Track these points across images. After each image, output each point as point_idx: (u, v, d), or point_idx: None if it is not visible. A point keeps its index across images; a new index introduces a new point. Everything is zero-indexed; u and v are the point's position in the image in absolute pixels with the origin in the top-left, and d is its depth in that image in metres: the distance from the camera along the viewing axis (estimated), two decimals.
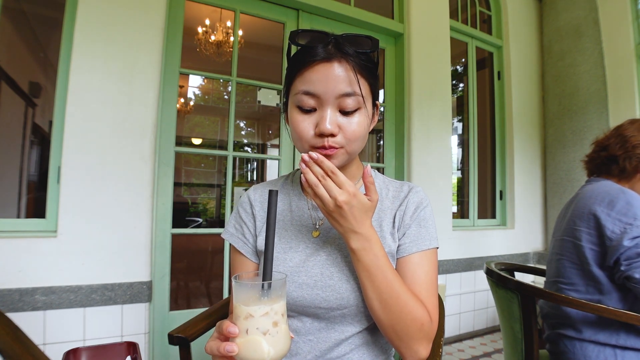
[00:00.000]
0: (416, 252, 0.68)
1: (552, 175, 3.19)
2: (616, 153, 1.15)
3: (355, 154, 0.68)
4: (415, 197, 0.72)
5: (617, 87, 2.78)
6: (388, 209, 0.73)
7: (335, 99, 0.61)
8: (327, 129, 0.61)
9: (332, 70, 0.61)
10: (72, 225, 1.56)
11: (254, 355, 0.46)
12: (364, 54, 0.64)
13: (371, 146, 4.90)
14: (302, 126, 0.63)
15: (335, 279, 0.67)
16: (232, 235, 0.77)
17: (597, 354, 1.03)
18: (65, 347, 1.41)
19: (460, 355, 2.36)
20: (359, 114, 0.64)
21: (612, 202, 1.04)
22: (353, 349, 0.70)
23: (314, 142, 0.63)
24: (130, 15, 1.71)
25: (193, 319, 0.96)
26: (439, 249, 2.80)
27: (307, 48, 0.62)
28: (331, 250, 0.69)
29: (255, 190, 0.80)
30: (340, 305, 0.66)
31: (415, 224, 0.70)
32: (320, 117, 0.62)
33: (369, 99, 0.66)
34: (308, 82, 0.62)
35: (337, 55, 0.61)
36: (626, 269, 0.96)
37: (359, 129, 0.64)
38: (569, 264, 1.12)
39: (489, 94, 3.24)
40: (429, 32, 2.63)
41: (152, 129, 1.74)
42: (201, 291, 3.49)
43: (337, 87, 0.61)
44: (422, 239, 0.69)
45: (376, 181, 0.77)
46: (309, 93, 0.62)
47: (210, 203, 6.62)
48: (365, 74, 0.64)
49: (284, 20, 2.23)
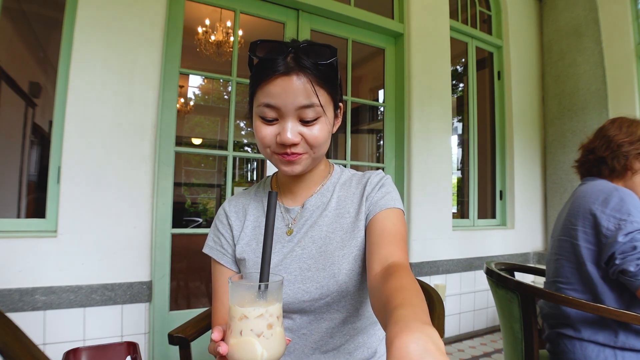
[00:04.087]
0: (381, 211, 0.71)
1: (552, 175, 3.19)
2: (603, 154, 1.17)
3: (320, 158, 0.72)
4: (375, 177, 0.77)
5: (617, 87, 2.78)
6: (353, 195, 0.77)
7: (295, 111, 0.64)
8: (288, 139, 0.64)
9: (291, 84, 0.62)
10: (72, 225, 1.56)
11: (247, 356, 0.46)
12: (322, 65, 0.65)
13: (371, 146, 4.91)
14: (264, 134, 0.67)
15: (313, 270, 0.71)
16: (211, 249, 0.81)
17: (597, 353, 1.03)
18: (65, 347, 1.41)
19: (460, 355, 2.36)
20: (319, 122, 0.66)
21: (607, 200, 1.05)
22: (348, 340, 0.73)
23: (277, 150, 0.67)
24: (130, 15, 1.71)
25: (193, 319, 0.96)
26: (439, 250, 2.75)
27: (267, 61, 0.63)
28: (305, 245, 0.73)
29: (229, 202, 0.83)
30: (322, 294, 0.70)
31: (379, 192, 0.74)
32: (282, 127, 0.65)
33: (329, 106, 0.69)
34: (268, 95, 0.64)
35: (295, 68, 0.63)
36: (621, 262, 0.96)
37: (320, 135, 0.67)
38: (567, 263, 1.13)
39: (489, 94, 3.24)
40: (429, 32, 2.63)
41: (152, 129, 1.74)
42: (201, 291, 3.49)
43: (296, 100, 0.63)
44: (385, 201, 0.72)
45: (342, 175, 0.81)
46: (270, 105, 0.64)
47: (210, 203, 6.62)
48: (324, 83, 0.66)
49: (284, 20, 2.23)
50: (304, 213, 0.76)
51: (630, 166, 1.14)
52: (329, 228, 0.74)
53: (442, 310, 0.82)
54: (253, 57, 0.65)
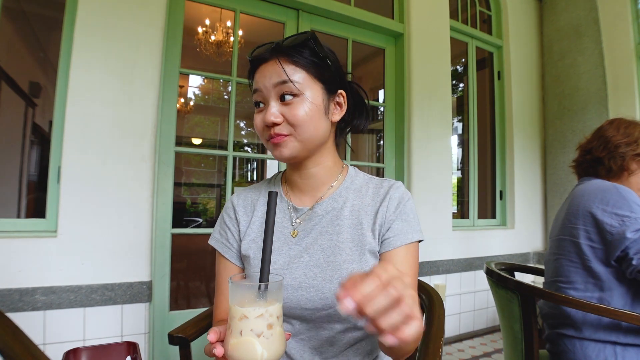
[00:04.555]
0: (401, 246, 0.70)
1: (552, 175, 3.19)
2: (600, 155, 1.18)
3: (311, 141, 0.70)
4: (396, 193, 0.75)
5: (617, 87, 2.78)
6: (369, 205, 0.74)
7: (273, 90, 0.68)
8: (269, 119, 0.67)
9: (268, 67, 0.69)
10: (72, 225, 1.56)
11: (247, 356, 0.46)
12: (298, 46, 0.68)
13: (371, 146, 4.91)
14: (256, 122, 0.71)
15: (318, 279, 0.69)
16: (217, 241, 0.80)
17: (598, 352, 1.03)
18: (65, 347, 1.41)
19: (460, 355, 2.36)
20: (298, 100, 0.67)
21: (606, 198, 1.05)
22: (348, 348, 0.71)
23: (265, 134, 0.70)
24: (130, 15, 1.71)
25: (193, 319, 0.95)
26: (439, 250, 2.75)
27: (254, 58, 0.71)
28: (313, 252, 0.71)
29: (238, 195, 0.82)
30: (325, 305, 0.68)
31: (399, 219, 0.72)
32: (266, 110, 0.69)
33: (313, 85, 0.69)
34: (255, 83, 0.71)
35: (274, 54, 0.69)
36: (638, 262, 0.95)
37: (300, 114, 0.67)
38: (567, 262, 1.13)
39: (489, 94, 3.24)
40: (429, 32, 2.62)
41: (152, 129, 1.74)
42: (201, 291, 3.49)
43: (272, 79, 0.68)
44: (406, 233, 0.71)
45: (356, 180, 0.79)
46: (256, 90, 0.70)
47: (210, 203, 6.62)
48: (301, 62, 0.68)
49: (284, 20, 2.23)
50: (313, 216, 0.74)
51: (626, 167, 1.15)
52: (340, 238, 0.71)
53: (442, 310, 0.81)
54: (249, 59, 0.73)
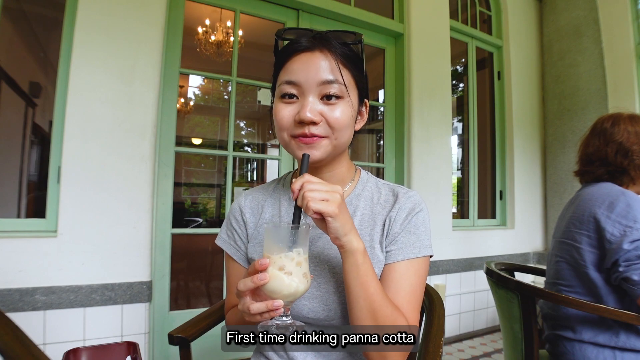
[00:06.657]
0: (402, 260, 0.64)
1: (552, 175, 3.19)
2: (623, 165, 1.09)
3: (341, 147, 0.66)
4: (407, 203, 0.68)
5: (617, 87, 2.78)
6: (379, 214, 0.69)
7: (317, 87, 0.61)
8: (307, 116, 0.60)
9: (314, 59, 0.61)
10: (72, 225, 1.56)
11: (279, 288, 0.53)
12: (346, 45, 0.64)
13: (371, 146, 4.90)
14: (282, 114, 0.63)
15: (322, 289, 0.66)
16: (224, 242, 0.78)
17: (597, 355, 1.03)
18: (65, 347, 1.41)
19: (460, 355, 2.36)
20: (342, 103, 0.62)
21: (612, 205, 1.02)
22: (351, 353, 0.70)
23: (294, 131, 0.62)
24: (130, 16, 1.71)
25: (193, 319, 0.95)
26: (439, 250, 2.74)
27: (290, 41, 0.64)
28: (319, 262, 0.68)
29: (245, 197, 0.79)
30: (328, 316, 0.66)
31: (405, 231, 0.66)
32: (302, 105, 0.61)
33: (354, 90, 0.65)
34: (290, 72, 0.62)
35: (319, 45, 0.62)
36: (624, 270, 0.95)
37: (343, 118, 0.62)
38: (566, 266, 1.12)
39: (489, 94, 3.23)
40: (429, 32, 2.62)
41: (152, 129, 1.74)
42: (201, 291, 3.49)
43: (317, 75, 0.61)
44: (411, 247, 0.65)
45: (368, 185, 0.74)
46: (291, 82, 0.62)
47: (210, 203, 6.61)
48: (349, 64, 0.64)
49: (284, 20, 2.23)
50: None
51: None
52: None
53: (442, 310, 0.81)
54: (278, 40, 0.65)
